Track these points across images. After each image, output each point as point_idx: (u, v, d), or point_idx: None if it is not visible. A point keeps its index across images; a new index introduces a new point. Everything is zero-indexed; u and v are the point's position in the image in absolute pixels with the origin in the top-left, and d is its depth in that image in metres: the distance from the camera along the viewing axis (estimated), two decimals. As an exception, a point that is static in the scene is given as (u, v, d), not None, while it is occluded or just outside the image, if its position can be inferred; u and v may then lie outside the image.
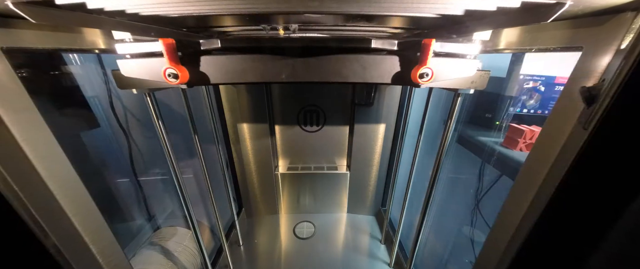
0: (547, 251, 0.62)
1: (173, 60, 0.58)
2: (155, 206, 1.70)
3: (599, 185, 0.50)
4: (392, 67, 0.64)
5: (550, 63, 1.56)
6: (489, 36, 0.72)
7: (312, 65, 0.64)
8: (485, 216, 1.88)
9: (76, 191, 0.62)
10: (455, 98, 0.77)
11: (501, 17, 0.58)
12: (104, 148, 1.42)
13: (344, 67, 0.64)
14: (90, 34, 0.70)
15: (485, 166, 1.84)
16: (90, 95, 1.30)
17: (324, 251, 1.62)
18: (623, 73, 0.41)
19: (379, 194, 1.93)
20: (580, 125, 0.49)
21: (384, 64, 0.63)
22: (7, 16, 0.50)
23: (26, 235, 0.53)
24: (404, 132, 1.40)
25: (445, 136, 0.85)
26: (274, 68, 0.64)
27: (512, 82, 1.60)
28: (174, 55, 0.58)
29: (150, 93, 0.73)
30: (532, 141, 1.52)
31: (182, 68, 0.59)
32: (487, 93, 1.85)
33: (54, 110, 1.11)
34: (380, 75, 0.63)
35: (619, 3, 0.42)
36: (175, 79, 0.58)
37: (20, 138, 0.50)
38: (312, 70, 0.64)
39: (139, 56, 0.61)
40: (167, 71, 0.58)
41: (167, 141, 0.87)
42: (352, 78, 0.63)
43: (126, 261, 0.78)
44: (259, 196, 1.93)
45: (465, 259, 2.02)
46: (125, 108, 1.46)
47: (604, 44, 0.48)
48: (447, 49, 0.62)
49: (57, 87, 1.15)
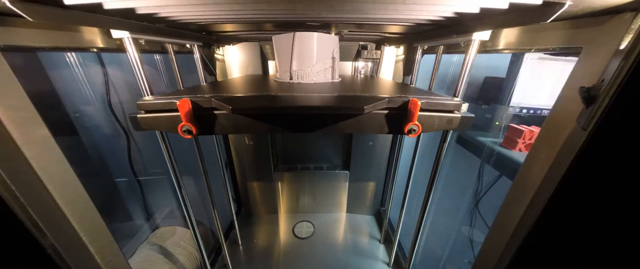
0: (546, 251, 0.62)
1: (188, 119, 0.63)
2: (154, 206, 1.69)
3: (598, 185, 0.50)
4: (384, 121, 0.70)
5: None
6: (489, 36, 0.72)
7: (314, 122, 0.69)
8: (485, 216, 1.88)
9: (74, 191, 0.62)
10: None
11: (501, 17, 0.58)
12: (104, 147, 1.42)
13: (341, 123, 0.70)
14: (88, 33, 0.70)
15: (484, 166, 1.84)
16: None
17: (323, 250, 1.62)
18: (622, 74, 0.41)
19: (379, 194, 1.93)
20: (579, 126, 0.49)
21: (377, 118, 0.68)
22: (4, 14, 0.49)
23: (23, 235, 0.52)
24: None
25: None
26: (278, 125, 0.69)
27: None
28: (189, 115, 0.63)
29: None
30: (531, 142, 1.52)
31: (194, 125, 0.64)
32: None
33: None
34: (373, 127, 0.69)
35: (618, 3, 0.42)
36: (189, 134, 0.63)
37: (18, 137, 0.50)
38: (314, 126, 0.69)
39: (157, 111, 0.66)
40: (183, 127, 0.63)
41: (167, 140, 0.87)
42: (349, 130, 0.68)
43: (125, 261, 0.78)
44: (258, 195, 1.92)
45: (465, 259, 2.03)
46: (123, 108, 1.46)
47: (603, 44, 0.48)
48: (432, 106, 0.67)
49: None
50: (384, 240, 1.71)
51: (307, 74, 0.93)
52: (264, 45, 1.49)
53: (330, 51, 0.98)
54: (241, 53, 1.53)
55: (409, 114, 0.65)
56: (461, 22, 0.72)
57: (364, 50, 1.45)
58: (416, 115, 0.64)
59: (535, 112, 1.67)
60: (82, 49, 0.72)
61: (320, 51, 0.95)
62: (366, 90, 0.81)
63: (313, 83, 0.92)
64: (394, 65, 1.55)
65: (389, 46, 1.46)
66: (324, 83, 0.95)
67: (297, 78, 0.93)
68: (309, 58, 0.91)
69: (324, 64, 0.97)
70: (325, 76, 0.98)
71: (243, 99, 0.67)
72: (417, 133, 0.67)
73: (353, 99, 0.67)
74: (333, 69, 0.99)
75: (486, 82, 1.94)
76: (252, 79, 1.14)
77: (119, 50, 0.75)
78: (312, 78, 0.94)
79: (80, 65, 1.25)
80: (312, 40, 0.91)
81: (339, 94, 0.70)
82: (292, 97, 0.69)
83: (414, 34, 1.06)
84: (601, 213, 0.52)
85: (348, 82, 1.02)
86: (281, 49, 0.98)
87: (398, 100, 0.65)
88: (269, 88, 0.83)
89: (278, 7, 0.60)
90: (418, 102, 0.63)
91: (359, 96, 0.69)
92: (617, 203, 0.50)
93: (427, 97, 0.70)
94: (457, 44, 0.83)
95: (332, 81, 0.98)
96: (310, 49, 0.92)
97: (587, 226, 0.55)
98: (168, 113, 0.65)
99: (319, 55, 0.94)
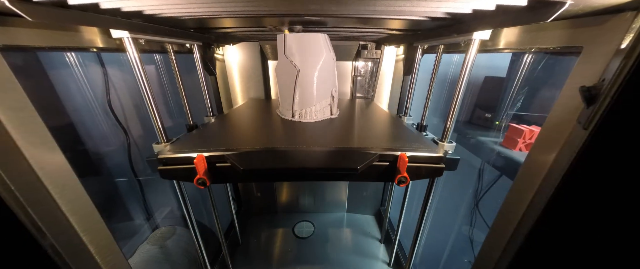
0: (546, 251, 0.62)
1: (203, 173, 0.70)
2: (154, 206, 1.69)
3: (599, 185, 0.50)
4: (377, 173, 0.77)
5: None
6: (489, 35, 0.72)
7: (316, 175, 0.78)
8: (485, 216, 1.88)
9: (74, 191, 0.62)
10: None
11: (501, 17, 0.58)
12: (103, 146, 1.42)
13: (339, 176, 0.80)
14: (88, 32, 0.70)
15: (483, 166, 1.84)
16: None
17: (323, 250, 1.62)
18: (623, 73, 0.41)
19: (379, 193, 1.93)
20: (580, 125, 0.49)
21: (370, 171, 0.76)
22: (3, 14, 0.49)
23: (23, 235, 0.52)
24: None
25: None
26: (285, 179, 0.73)
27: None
28: (204, 169, 0.70)
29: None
30: (531, 141, 1.52)
31: (208, 178, 0.72)
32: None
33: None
34: (368, 178, 0.77)
35: (619, 3, 0.42)
36: (203, 185, 0.70)
37: (18, 137, 0.50)
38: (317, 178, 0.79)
39: (174, 164, 0.73)
40: (198, 180, 0.70)
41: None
42: (346, 180, 0.77)
43: (124, 261, 0.78)
44: (258, 195, 1.92)
45: (465, 259, 2.02)
46: (123, 107, 1.46)
47: (604, 44, 0.48)
48: (419, 159, 0.74)
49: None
50: (384, 240, 1.71)
51: (308, 113, 0.99)
52: (263, 44, 1.49)
53: (330, 91, 1.04)
54: (241, 53, 1.53)
55: (398, 167, 0.73)
56: (461, 21, 0.72)
57: (364, 50, 1.45)
58: (404, 168, 0.71)
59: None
60: (82, 49, 0.72)
61: (320, 92, 1.00)
62: (361, 133, 0.87)
63: (314, 122, 0.99)
64: (394, 64, 1.55)
65: (389, 46, 1.46)
66: (324, 121, 1.02)
67: (299, 117, 0.99)
68: (309, 100, 0.97)
69: (324, 103, 1.03)
70: (324, 113, 1.04)
71: (253, 156, 0.74)
72: (407, 183, 0.74)
73: (349, 155, 0.74)
74: (332, 106, 1.06)
75: (486, 82, 1.93)
76: (258, 114, 1.20)
77: (119, 50, 0.75)
78: (313, 117, 1.00)
79: (81, 65, 1.25)
80: (312, 84, 0.97)
81: (336, 148, 0.76)
82: (296, 153, 0.75)
83: (414, 34, 1.06)
84: (602, 213, 0.52)
85: (346, 118, 1.08)
86: (283, 84, 1.03)
87: (388, 155, 0.73)
88: (274, 130, 0.91)
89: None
90: (406, 157, 0.70)
91: (354, 152, 0.75)
92: (617, 203, 0.50)
93: (414, 149, 0.76)
94: (458, 44, 0.83)
95: (330, 117, 1.05)
96: (311, 92, 0.98)
97: (587, 226, 0.54)
98: (185, 165, 0.71)
99: (319, 96, 0.99)
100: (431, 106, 1.14)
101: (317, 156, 0.74)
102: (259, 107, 1.38)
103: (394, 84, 1.59)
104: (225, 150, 0.73)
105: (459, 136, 1.97)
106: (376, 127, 1.01)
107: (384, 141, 0.82)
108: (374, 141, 0.81)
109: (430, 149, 0.78)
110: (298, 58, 0.95)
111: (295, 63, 0.95)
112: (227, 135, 0.89)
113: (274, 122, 1.02)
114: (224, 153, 0.72)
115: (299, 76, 0.95)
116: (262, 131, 0.93)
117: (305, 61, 0.95)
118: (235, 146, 0.78)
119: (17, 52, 0.94)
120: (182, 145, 0.82)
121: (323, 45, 0.97)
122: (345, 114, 1.18)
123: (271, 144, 0.80)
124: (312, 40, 0.96)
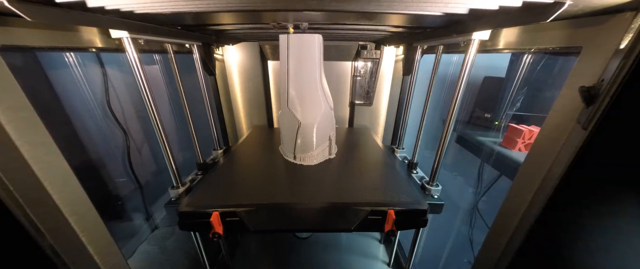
0: (546, 251, 0.62)
1: (218, 227, 0.79)
2: (154, 206, 1.69)
3: (598, 185, 0.50)
4: (369, 225, 0.84)
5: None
6: (488, 36, 0.72)
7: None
8: (485, 216, 1.88)
9: (73, 191, 0.62)
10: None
11: (501, 17, 0.58)
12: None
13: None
14: (87, 33, 0.69)
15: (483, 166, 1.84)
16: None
17: (323, 250, 1.61)
18: (622, 73, 0.41)
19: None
20: (580, 125, 0.49)
21: (364, 224, 0.83)
22: (2, 14, 0.49)
23: (22, 235, 0.52)
24: (403, 128, 1.40)
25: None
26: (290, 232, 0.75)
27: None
28: (219, 224, 0.79)
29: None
30: (531, 142, 1.52)
31: (222, 231, 0.81)
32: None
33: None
34: (362, 229, 0.83)
35: (618, 3, 0.42)
36: (217, 238, 0.80)
37: (16, 137, 0.50)
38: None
39: (192, 218, 0.81)
40: (214, 234, 0.79)
41: (165, 139, 0.87)
42: (343, 228, 0.85)
43: (124, 261, 0.77)
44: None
45: (464, 259, 2.02)
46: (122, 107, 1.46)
47: (603, 44, 0.48)
48: (405, 215, 0.82)
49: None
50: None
51: (308, 157, 1.12)
52: (263, 45, 1.49)
53: (328, 135, 1.15)
54: (240, 53, 1.53)
55: (387, 221, 0.81)
56: (461, 21, 0.72)
57: (363, 50, 1.45)
58: (392, 222, 0.79)
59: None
60: (81, 49, 0.72)
61: (319, 139, 1.11)
62: (355, 183, 0.97)
63: (314, 165, 1.12)
64: (394, 65, 1.55)
65: (389, 46, 1.46)
66: (323, 162, 1.15)
67: (300, 160, 1.13)
68: (309, 146, 1.10)
69: (322, 147, 1.15)
70: (323, 155, 1.17)
71: (261, 212, 0.82)
72: (396, 234, 0.85)
73: (345, 212, 0.83)
74: (330, 147, 1.18)
75: (485, 82, 1.94)
76: (263, 152, 1.29)
77: (118, 50, 0.75)
78: (313, 160, 1.13)
79: (80, 65, 1.24)
80: (313, 134, 1.08)
81: (333, 204, 0.84)
82: (298, 210, 0.84)
83: (414, 34, 1.06)
84: (601, 213, 0.52)
85: (343, 160, 1.18)
86: (285, 131, 1.14)
87: (378, 211, 0.82)
88: (278, 178, 1.02)
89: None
90: (394, 214, 0.79)
91: (349, 208, 0.84)
92: (617, 202, 0.50)
93: (402, 204, 0.83)
94: (457, 44, 0.83)
95: (329, 158, 1.19)
96: (311, 140, 1.09)
97: (587, 226, 0.55)
98: (202, 219, 0.79)
99: (318, 142, 1.11)
100: (432, 103, 1.14)
101: (316, 213, 0.84)
102: (263, 143, 1.43)
103: (394, 84, 1.60)
104: (236, 206, 0.81)
105: (459, 137, 1.97)
106: (369, 172, 1.08)
107: (376, 193, 0.90)
108: (367, 195, 0.89)
109: (417, 202, 0.85)
110: (300, 112, 1.06)
111: (296, 116, 1.06)
112: (236, 185, 0.97)
113: (278, 167, 1.12)
114: (235, 210, 0.81)
115: (301, 127, 1.06)
116: (268, 179, 1.02)
117: (306, 114, 1.06)
118: (244, 199, 0.86)
119: (16, 52, 0.94)
120: (198, 198, 0.88)
121: (322, 98, 1.08)
122: (342, 153, 1.26)
123: (276, 197, 0.88)
124: (313, 93, 1.06)
